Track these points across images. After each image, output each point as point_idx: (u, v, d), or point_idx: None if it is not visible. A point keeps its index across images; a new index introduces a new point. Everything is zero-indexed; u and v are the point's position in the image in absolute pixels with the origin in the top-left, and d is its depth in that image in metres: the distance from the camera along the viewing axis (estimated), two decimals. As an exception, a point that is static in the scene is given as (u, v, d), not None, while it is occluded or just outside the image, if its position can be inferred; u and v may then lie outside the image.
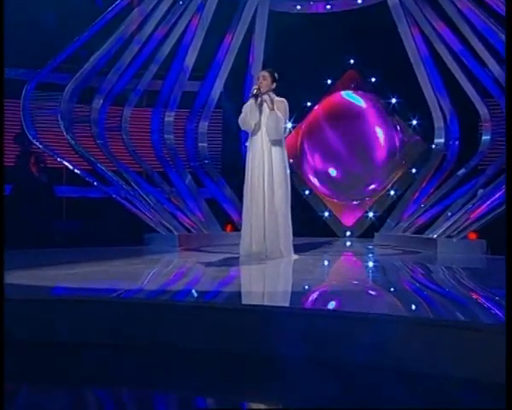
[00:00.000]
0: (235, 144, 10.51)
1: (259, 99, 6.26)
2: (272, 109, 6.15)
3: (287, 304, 3.79)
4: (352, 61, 11.09)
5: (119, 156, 9.66)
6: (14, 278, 4.34)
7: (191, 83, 10.05)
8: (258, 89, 6.27)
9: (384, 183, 10.73)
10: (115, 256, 6.89)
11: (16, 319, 3.30)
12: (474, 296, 4.02)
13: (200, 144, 10.31)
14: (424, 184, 9.67)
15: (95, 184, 8.83)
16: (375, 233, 9.67)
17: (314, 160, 10.70)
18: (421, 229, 8.90)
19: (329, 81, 11.16)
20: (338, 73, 11.07)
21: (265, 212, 6.16)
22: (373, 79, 10.97)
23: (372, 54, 10.27)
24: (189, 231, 9.01)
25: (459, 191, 9.00)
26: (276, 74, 6.41)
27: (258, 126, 6.28)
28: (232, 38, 9.85)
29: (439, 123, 9.92)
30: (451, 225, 8.04)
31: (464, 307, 3.56)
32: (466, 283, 4.98)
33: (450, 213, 8.47)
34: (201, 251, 7.83)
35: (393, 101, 10.80)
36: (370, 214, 10.92)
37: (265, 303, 3.80)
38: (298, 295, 4.15)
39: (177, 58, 9.77)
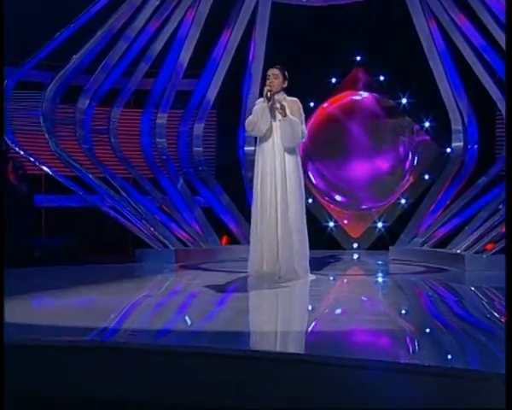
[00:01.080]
0: (231, 148, 10.20)
1: (271, 101, 5.91)
2: (285, 116, 5.82)
3: (302, 350, 3.32)
4: (358, 58, 10.69)
5: (106, 161, 9.29)
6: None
7: (185, 81, 9.71)
8: (270, 90, 5.92)
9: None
10: (104, 278, 6.44)
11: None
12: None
13: (194, 149, 9.91)
14: (441, 194, 9.23)
15: (79, 193, 8.44)
16: (390, 247, 9.20)
17: (321, 164, 10.30)
18: (440, 243, 8.52)
19: (334, 80, 10.76)
20: (343, 71, 10.72)
21: (278, 227, 5.86)
22: (381, 78, 10.57)
23: (381, 50, 10.00)
24: (185, 245, 8.62)
25: (481, 201, 8.59)
26: (286, 72, 6.10)
27: (269, 131, 5.95)
28: (231, 34, 9.50)
29: (456, 125, 9.50)
30: (478, 239, 7.64)
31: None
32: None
33: (474, 226, 8.05)
34: (201, 269, 7.48)
35: (404, 101, 10.41)
36: (379, 225, 10.50)
37: (278, 350, 3.33)
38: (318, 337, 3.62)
39: (170, 55, 9.39)
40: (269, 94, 5.87)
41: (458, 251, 7.78)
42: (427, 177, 10.31)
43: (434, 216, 9.00)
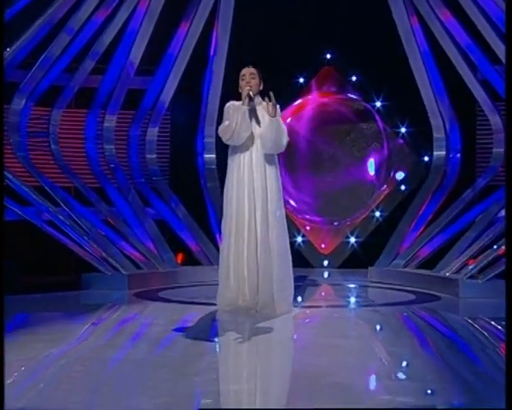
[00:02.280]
0: (188, 155, 9.73)
1: (251, 104, 5.59)
2: (274, 116, 5.47)
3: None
4: (328, 56, 10.23)
5: (44, 169, 8.67)
6: None
7: (137, 79, 9.18)
8: (251, 90, 5.60)
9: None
10: (37, 319, 5.50)
11: None
12: None
13: (147, 156, 9.33)
14: (423, 208, 8.82)
15: (7, 206, 7.63)
16: (370, 268, 8.74)
17: (285, 173, 9.67)
18: (424, 263, 8.18)
19: (302, 80, 10.25)
20: (312, 70, 10.26)
21: (258, 251, 5.44)
22: (354, 78, 10.14)
23: (354, 47, 9.57)
24: (137, 266, 8.02)
25: (467, 216, 8.26)
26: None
27: (249, 139, 5.60)
28: (190, 26, 9.06)
29: (438, 132, 9.09)
30: (470, 260, 7.34)
31: None
32: None
33: (462, 246, 7.70)
34: (159, 299, 6.79)
35: (378, 104, 9.99)
36: (352, 240, 10.01)
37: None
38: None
39: (120, 49, 8.87)
40: (251, 94, 5.55)
41: (448, 274, 7.41)
42: (403, 187, 9.94)
43: (416, 233, 8.60)
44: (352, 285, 8.32)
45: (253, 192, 5.52)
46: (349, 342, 4.75)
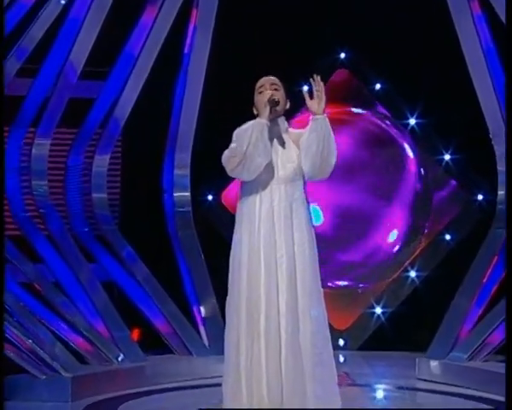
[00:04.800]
0: (151, 193, 9.19)
1: (272, 113, 5.03)
2: (320, 113, 4.93)
3: None
4: (342, 56, 9.80)
5: None
6: None
7: (82, 86, 8.65)
8: (275, 97, 5.10)
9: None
10: None
11: None
12: None
13: (94, 195, 8.62)
14: (488, 272, 8.10)
15: None
16: (418, 359, 7.91)
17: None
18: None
19: (306, 88, 9.36)
20: (321, 74, 9.40)
21: (282, 355, 4.84)
22: (378, 86, 9.72)
23: (377, 43, 9.25)
24: (82, 360, 7.30)
25: None
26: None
27: (268, 170, 5.00)
28: (157, 14, 8.56)
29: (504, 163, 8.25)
30: None
31: None
32: None
33: None
34: None
35: (412, 122, 9.55)
36: (378, 311, 9.40)
37: None
38: None
39: (56, 44, 8.27)
40: (275, 98, 5.01)
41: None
42: (448, 237, 9.47)
43: (481, 309, 7.92)
44: (386, 386, 7.59)
45: (275, 264, 4.87)
46: None
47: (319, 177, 5.02)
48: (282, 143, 5.04)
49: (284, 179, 4.94)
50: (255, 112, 5.04)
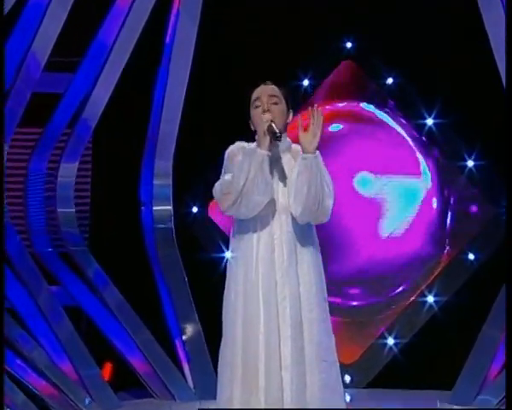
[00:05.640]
0: (122, 206, 9.12)
1: (273, 142, 4.85)
2: (312, 151, 4.79)
3: None
4: (349, 45, 9.52)
5: None
6: None
7: (46, 79, 8.44)
8: (273, 121, 4.81)
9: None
10: None
11: None
12: None
13: (59, 210, 8.49)
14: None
15: None
16: (440, 404, 7.75)
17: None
18: None
19: (307, 82, 9.47)
20: (324, 66, 9.55)
21: (285, 393, 4.70)
22: (390, 80, 9.39)
23: (389, 32, 8.97)
24: (43, 406, 7.24)
25: None
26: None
27: (270, 206, 4.91)
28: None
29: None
30: None
31: None
32: None
33: None
34: None
35: (430, 122, 9.24)
36: (390, 341, 9.07)
37: None
38: None
39: (17, 31, 8.09)
40: (274, 127, 4.73)
41: None
42: (471, 257, 9.14)
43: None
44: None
45: (275, 308, 4.72)
46: None
47: (316, 222, 4.85)
48: (282, 167, 4.82)
49: (285, 209, 4.73)
50: (252, 128, 4.79)
